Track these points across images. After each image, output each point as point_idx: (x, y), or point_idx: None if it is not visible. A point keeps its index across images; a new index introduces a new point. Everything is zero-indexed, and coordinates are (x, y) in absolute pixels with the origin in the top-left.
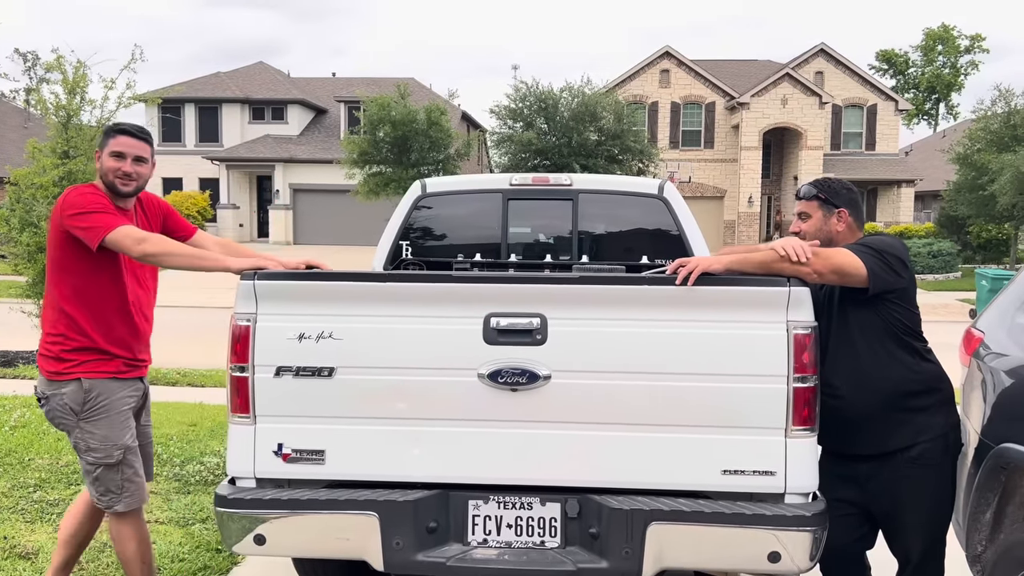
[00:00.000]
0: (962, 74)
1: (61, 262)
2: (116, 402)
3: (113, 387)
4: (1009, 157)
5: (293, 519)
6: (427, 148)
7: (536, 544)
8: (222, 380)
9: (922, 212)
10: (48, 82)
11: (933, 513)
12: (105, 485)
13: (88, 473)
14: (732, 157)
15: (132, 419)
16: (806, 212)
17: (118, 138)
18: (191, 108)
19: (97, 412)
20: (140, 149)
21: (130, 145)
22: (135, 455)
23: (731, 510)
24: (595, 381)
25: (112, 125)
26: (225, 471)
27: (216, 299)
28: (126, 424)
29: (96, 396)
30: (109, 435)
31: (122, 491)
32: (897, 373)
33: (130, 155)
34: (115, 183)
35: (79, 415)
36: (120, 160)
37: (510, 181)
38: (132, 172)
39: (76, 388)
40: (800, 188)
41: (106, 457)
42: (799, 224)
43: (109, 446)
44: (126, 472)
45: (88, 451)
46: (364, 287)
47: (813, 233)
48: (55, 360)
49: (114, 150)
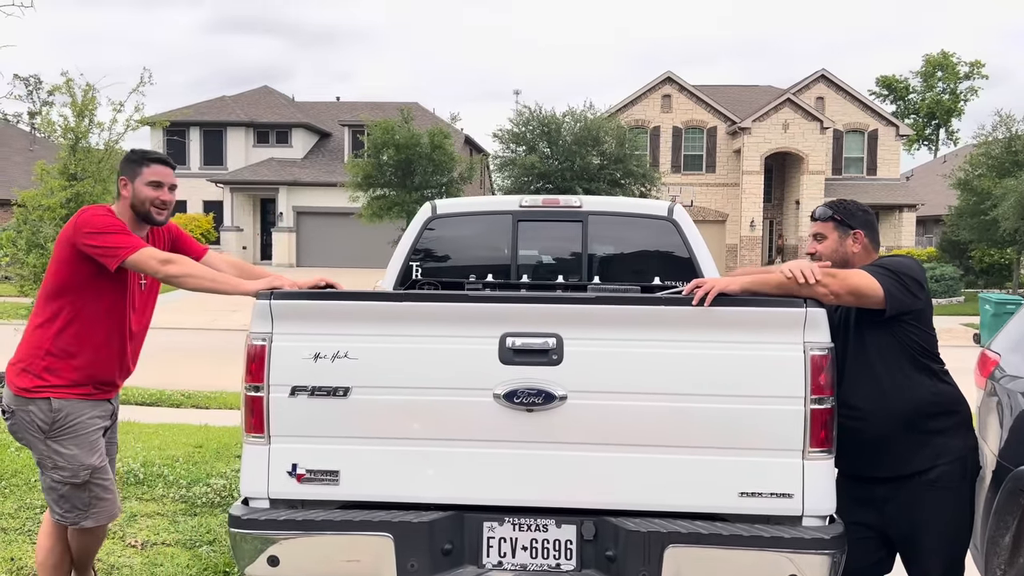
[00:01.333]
0: (962, 100)
1: (64, 282)
2: (86, 422)
3: (82, 407)
4: (1011, 182)
5: (307, 540)
6: (431, 172)
7: (552, 567)
8: (227, 402)
9: (924, 237)
10: (51, 105)
11: (951, 537)
12: (71, 503)
13: (53, 490)
14: (734, 181)
15: (101, 439)
16: (822, 233)
17: (153, 167)
18: (196, 131)
19: (66, 432)
20: (172, 178)
21: (164, 175)
22: (104, 473)
23: (749, 533)
24: (612, 402)
25: (140, 153)
26: (233, 493)
27: (219, 321)
28: (95, 444)
29: (65, 416)
30: (77, 455)
31: (89, 508)
32: (915, 395)
33: (166, 184)
34: (151, 212)
35: (47, 433)
36: (158, 189)
37: (520, 203)
38: (169, 200)
39: (45, 407)
40: (816, 209)
41: (72, 477)
42: (814, 245)
43: (76, 466)
44: (94, 490)
45: (55, 469)
46: (380, 307)
47: (829, 254)
48: (29, 375)
49: (151, 179)
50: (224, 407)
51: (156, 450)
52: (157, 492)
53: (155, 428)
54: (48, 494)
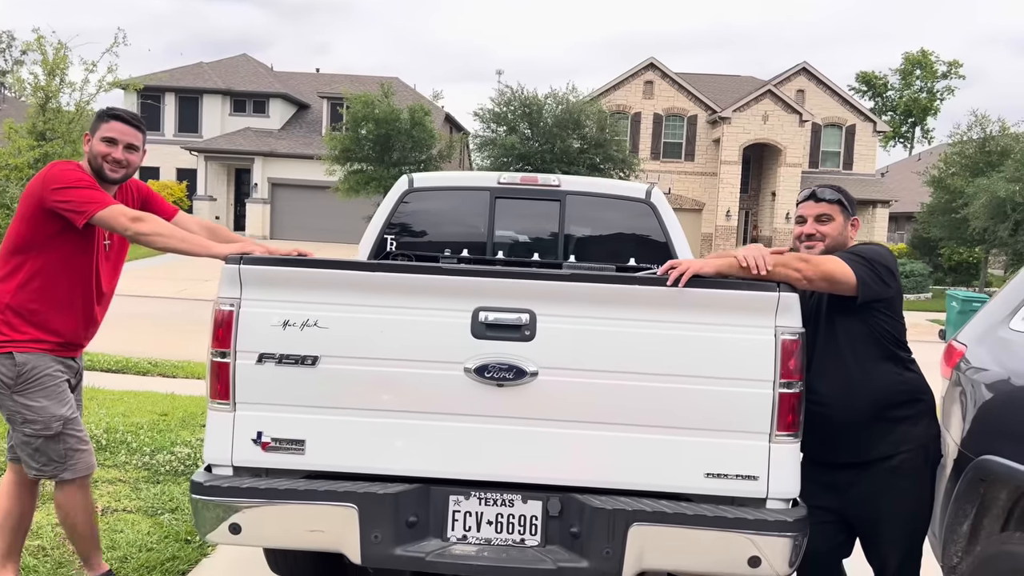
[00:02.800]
0: (938, 99)
1: (28, 238)
2: (52, 374)
3: (47, 360)
4: (984, 182)
5: (270, 509)
6: (409, 148)
7: (516, 542)
8: (194, 371)
9: (896, 233)
10: (23, 64)
11: (911, 523)
12: (47, 455)
13: (27, 444)
14: (712, 171)
15: (69, 391)
16: (828, 215)
17: (111, 123)
18: (171, 97)
19: (32, 384)
20: (132, 136)
21: (123, 132)
22: (77, 424)
23: (713, 513)
24: (582, 379)
25: (105, 109)
26: (197, 462)
27: (188, 290)
28: (63, 395)
29: (30, 369)
30: (47, 406)
31: (66, 459)
32: (882, 382)
33: (122, 142)
34: (103, 167)
35: (12, 388)
36: (111, 146)
37: (498, 179)
38: (123, 159)
39: (8, 362)
40: (817, 190)
41: (44, 429)
42: (816, 226)
43: (47, 417)
44: (69, 441)
45: (25, 423)
46: (352, 276)
47: (835, 236)
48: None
49: (106, 135)
50: (191, 376)
51: (120, 416)
52: (120, 459)
53: (120, 395)
54: (23, 450)
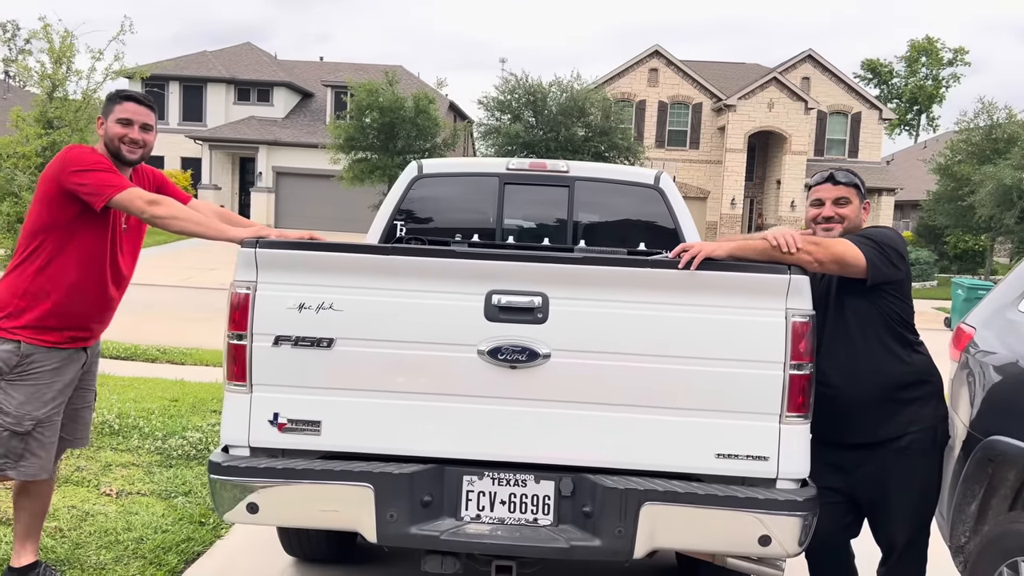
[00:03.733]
0: (944, 86)
1: (48, 221)
2: (48, 373)
3: (52, 356)
4: (990, 169)
5: (287, 488)
6: (414, 136)
7: (529, 521)
8: (202, 358)
9: (901, 221)
10: (28, 53)
11: (919, 503)
12: (5, 448)
13: None
14: (717, 159)
15: (56, 395)
16: (846, 198)
17: (124, 104)
18: (175, 86)
19: (25, 378)
20: (146, 116)
21: (137, 112)
22: (46, 429)
23: (724, 493)
24: (594, 361)
25: (117, 91)
26: (209, 447)
27: (195, 279)
28: (46, 399)
29: (30, 363)
30: (25, 403)
31: (20, 460)
32: (891, 364)
33: (137, 122)
34: (120, 150)
35: (4, 376)
36: (127, 127)
37: (507, 165)
38: (139, 139)
39: (12, 349)
40: (835, 173)
41: (16, 424)
42: (835, 209)
43: (22, 414)
44: (31, 444)
45: (0, 413)
46: (367, 259)
47: (852, 218)
48: (4, 316)
49: (121, 117)
50: (200, 363)
51: (131, 402)
52: (132, 443)
53: (130, 381)
54: None
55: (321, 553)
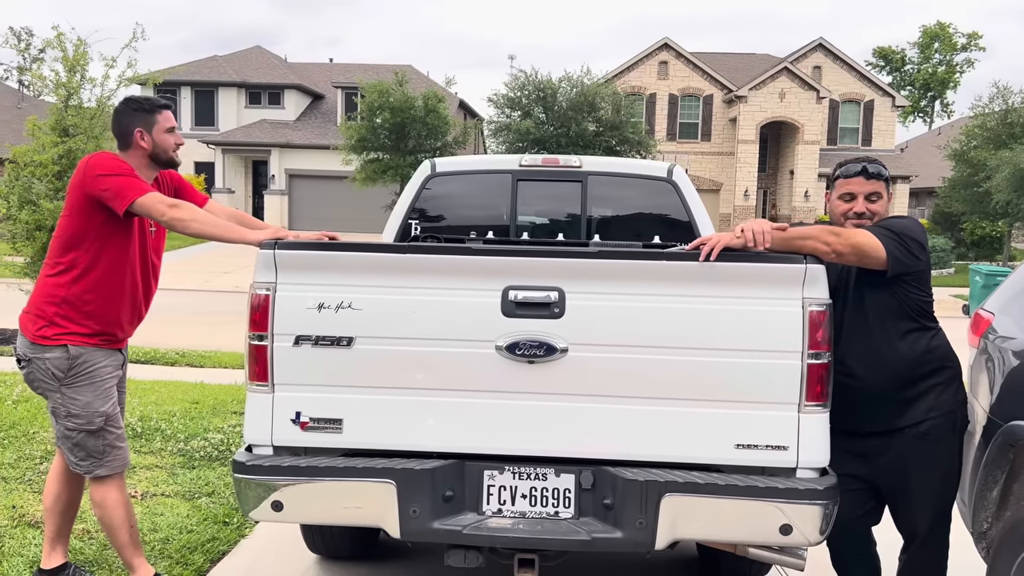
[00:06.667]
0: (958, 72)
1: (80, 229)
2: (101, 370)
3: (99, 355)
4: (1007, 154)
5: (311, 486)
6: (425, 135)
7: (550, 514)
8: (221, 361)
9: (916, 209)
10: (41, 62)
11: (940, 488)
12: (86, 450)
13: (67, 439)
14: (729, 150)
15: (114, 388)
16: (878, 192)
17: (164, 113)
18: (187, 91)
19: (81, 379)
20: (175, 120)
21: (173, 119)
22: (117, 421)
23: (744, 483)
24: (612, 355)
25: (147, 102)
26: (231, 448)
27: (211, 283)
28: (109, 392)
29: (82, 363)
30: (92, 402)
31: (103, 456)
32: (910, 353)
33: (176, 128)
34: (173, 157)
35: (61, 381)
36: (174, 134)
37: (520, 162)
38: (182, 141)
39: (62, 354)
40: (868, 167)
41: (87, 424)
42: (866, 204)
43: (91, 413)
44: (107, 437)
45: (69, 417)
46: (384, 258)
47: (883, 213)
48: (46, 324)
49: (168, 126)
50: (219, 366)
51: (153, 405)
52: (155, 445)
53: (151, 384)
54: (63, 443)
55: (345, 550)
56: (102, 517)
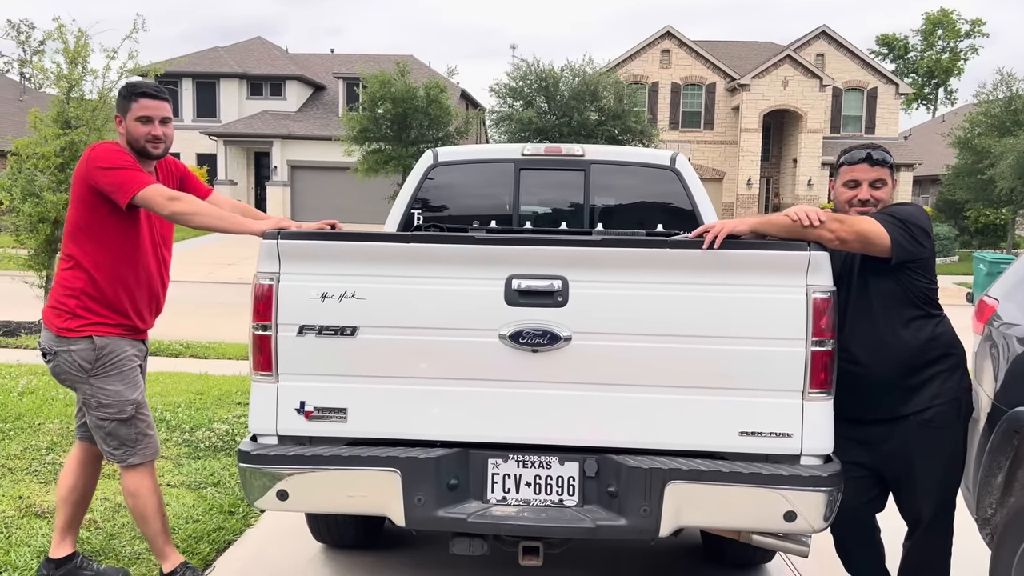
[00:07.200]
0: (961, 59)
1: (88, 220)
2: (127, 359)
3: (123, 344)
4: (1011, 141)
5: (316, 475)
6: (426, 126)
7: (555, 502)
8: (224, 352)
9: (920, 197)
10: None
11: (944, 475)
12: (119, 439)
13: (100, 428)
14: (732, 139)
15: (140, 376)
16: (883, 179)
17: (141, 101)
18: (188, 83)
19: (109, 368)
20: (164, 110)
21: (154, 108)
22: (146, 409)
23: (748, 470)
24: (616, 343)
25: (129, 88)
26: (235, 438)
27: (214, 274)
28: (136, 380)
29: (108, 353)
30: (121, 391)
31: (136, 444)
32: (915, 340)
33: (156, 117)
34: (146, 148)
35: (89, 372)
36: (148, 124)
37: (522, 151)
38: (160, 134)
39: (87, 345)
40: (873, 153)
41: (119, 412)
42: (870, 191)
43: (121, 402)
44: (139, 425)
45: (100, 407)
46: (387, 248)
47: (887, 201)
48: (69, 316)
49: (140, 115)
50: (223, 357)
51: (158, 396)
52: (161, 436)
53: (155, 376)
54: (96, 433)
55: (350, 539)
56: (135, 507)
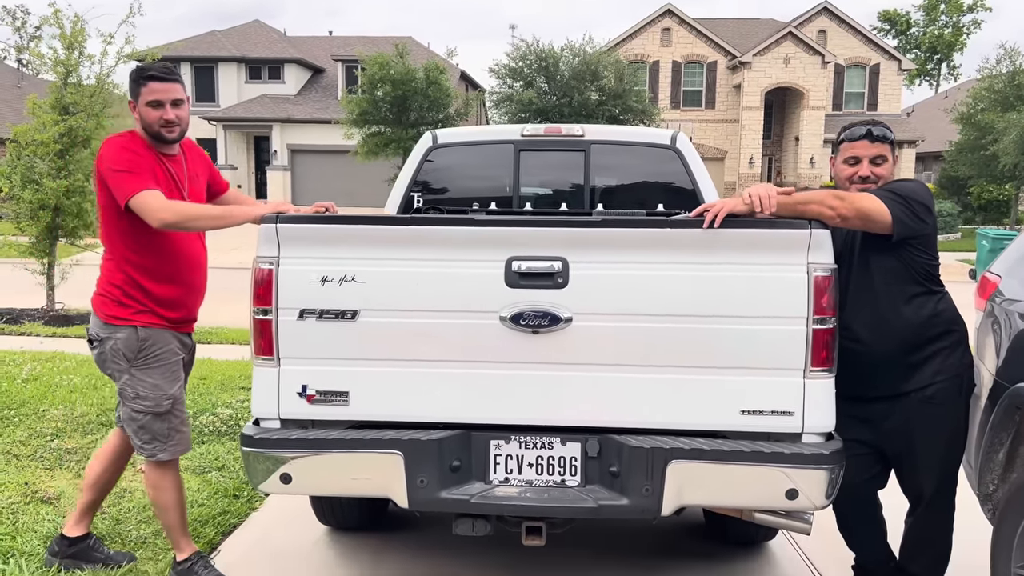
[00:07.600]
0: (964, 34)
1: (115, 217)
2: (169, 352)
3: (167, 337)
4: (1014, 116)
5: (319, 458)
6: (426, 108)
7: (557, 482)
8: (227, 337)
9: (923, 173)
10: (39, 40)
11: (946, 452)
12: (151, 433)
13: (133, 420)
14: (733, 118)
15: (182, 370)
16: (883, 156)
17: (150, 85)
18: (187, 67)
19: (150, 360)
20: (175, 91)
21: (164, 90)
22: (182, 405)
23: (750, 449)
24: (616, 324)
25: (138, 71)
26: (239, 423)
27: (218, 259)
28: (177, 374)
29: (151, 345)
30: (160, 384)
31: (168, 439)
32: (916, 317)
33: (167, 100)
34: (161, 133)
35: (131, 362)
36: (159, 108)
37: (522, 132)
38: (173, 118)
39: (131, 335)
40: (873, 129)
41: (155, 406)
42: (871, 168)
43: (159, 395)
44: (173, 421)
45: (136, 399)
46: (387, 231)
47: (888, 177)
48: (115, 304)
49: (150, 99)
50: (226, 342)
51: None
52: None
53: None
54: (128, 425)
55: (354, 521)
56: (155, 498)
